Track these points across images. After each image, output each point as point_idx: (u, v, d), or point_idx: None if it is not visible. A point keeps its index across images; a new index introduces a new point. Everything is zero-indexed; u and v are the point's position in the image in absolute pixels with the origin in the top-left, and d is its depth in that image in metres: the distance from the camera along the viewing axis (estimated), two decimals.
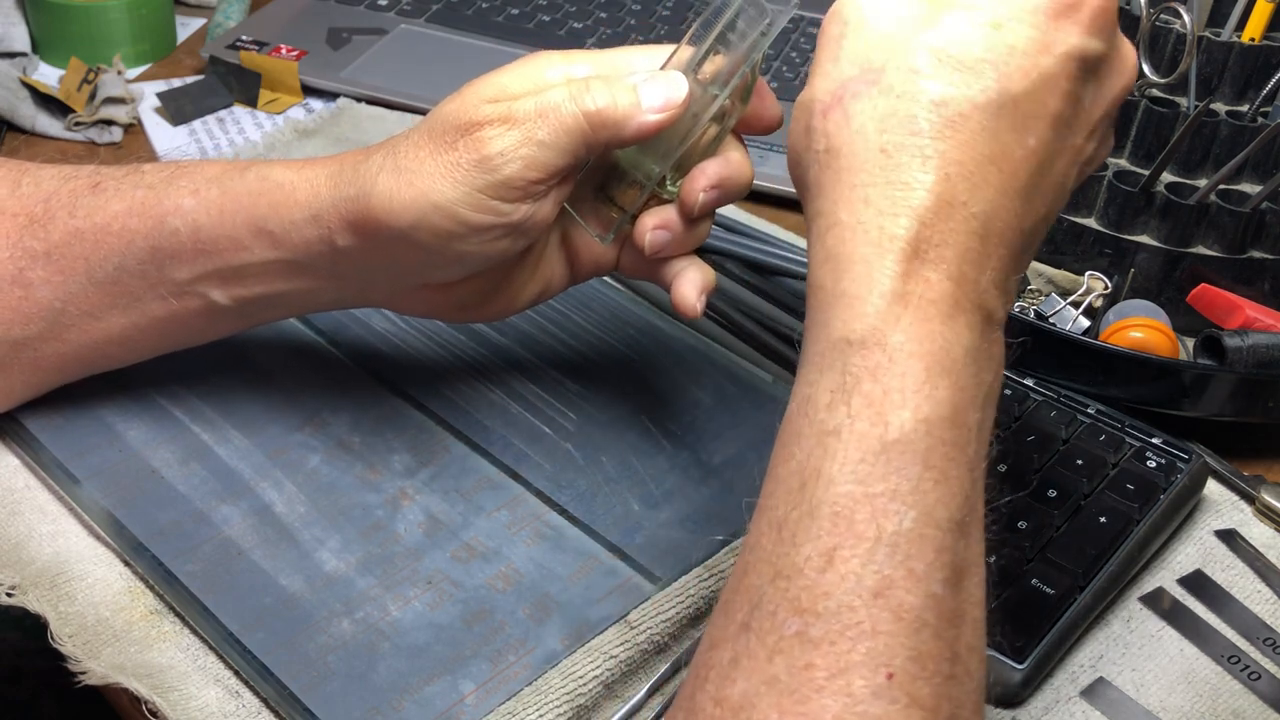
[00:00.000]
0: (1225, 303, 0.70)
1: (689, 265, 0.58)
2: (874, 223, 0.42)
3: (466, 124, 0.53)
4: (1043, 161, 0.44)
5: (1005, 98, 0.43)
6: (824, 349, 0.42)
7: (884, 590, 0.39)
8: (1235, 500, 0.66)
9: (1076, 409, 0.67)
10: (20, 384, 0.62)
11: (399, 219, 0.53)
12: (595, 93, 0.53)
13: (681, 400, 0.68)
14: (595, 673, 0.54)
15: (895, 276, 0.41)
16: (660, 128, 0.54)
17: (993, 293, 0.43)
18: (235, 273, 0.58)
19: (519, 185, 0.53)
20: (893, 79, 0.43)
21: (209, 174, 0.58)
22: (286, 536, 0.59)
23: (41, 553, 0.59)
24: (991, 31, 0.43)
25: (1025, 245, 0.44)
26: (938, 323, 0.41)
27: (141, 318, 0.60)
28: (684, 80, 0.54)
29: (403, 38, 1.03)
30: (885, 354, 0.41)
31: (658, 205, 0.57)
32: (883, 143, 0.43)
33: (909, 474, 0.40)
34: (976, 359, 0.42)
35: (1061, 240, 0.74)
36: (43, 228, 0.59)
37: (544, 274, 0.60)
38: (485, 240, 0.54)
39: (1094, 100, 0.45)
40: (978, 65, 0.43)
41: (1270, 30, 0.74)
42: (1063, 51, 0.44)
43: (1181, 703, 0.56)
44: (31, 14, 0.99)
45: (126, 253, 0.58)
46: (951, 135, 0.42)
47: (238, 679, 0.54)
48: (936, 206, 0.42)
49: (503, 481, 0.63)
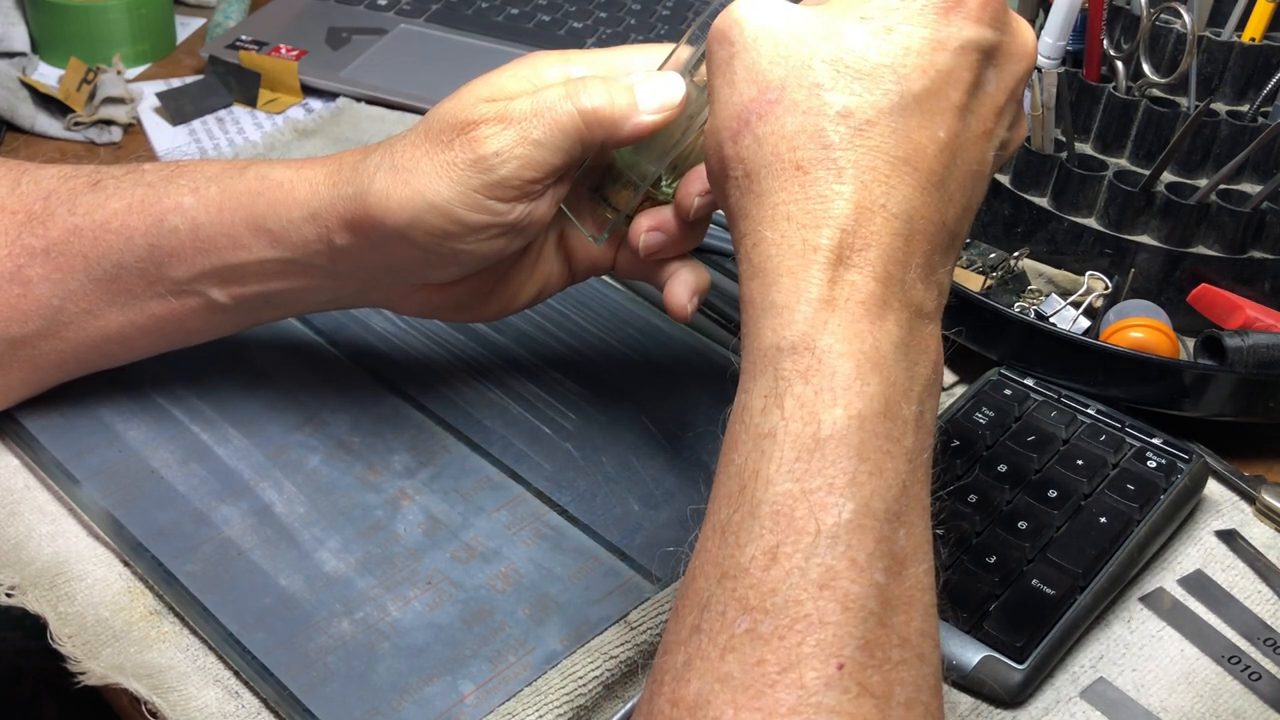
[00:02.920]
0: (1225, 303, 0.70)
1: (683, 267, 0.58)
2: (797, 236, 0.43)
3: (463, 123, 0.53)
4: (955, 152, 0.45)
5: (908, 98, 0.43)
6: (756, 358, 0.43)
7: (828, 582, 0.40)
8: (1235, 500, 0.66)
9: (1077, 409, 0.67)
10: (19, 382, 0.62)
11: (395, 218, 0.54)
12: (592, 92, 0.53)
13: (681, 400, 0.68)
14: (595, 673, 0.54)
15: (821, 284, 0.42)
16: (656, 128, 0.54)
17: (919, 288, 0.44)
18: (234, 271, 0.58)
19: (515, 185, 0.53)
20: (795, 96, 0.44)
21: (208, 173, 0.58)
22: (286, 537, 0.59)
23: (41, 553, 0.59)
24: (885, 36, 0.44)
25: (950, 237, 0.45)
26: (865, 323, 0.42)
27: (140, 316, 0.60)
28: (681, 81, 0.54)
29: (402, 37, 1.02)
30: (815, 356, 0.42)
31: (654, 207, 0.57)
32: (796, 159, 0.43)
33: (844, 468, 0.41)
34: (908, 353, 0.43)
35: (1062, 240, 0.74)
36: (42, 225, 0.59)
37: (541, 274, 0.60)
38: (482, 240, 0.54)
39: (997, 85, 0.46)
40: (876, 71, 0.44)
41: (1270, 30, 0.74)
42: (957, 45, 0.44)
43: (1182, 703, 0.56)
44: (31, 14, 0.99)
45: (125, 250, 0.58)
46: (862, 143, 0.43)
47: (237, 679, 0.54)
48: (856, 213, 0.43)
49: (503, 482, 0.63)
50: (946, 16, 0.44)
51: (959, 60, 0.44)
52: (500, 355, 0.70)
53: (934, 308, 0.45)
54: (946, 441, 0.64)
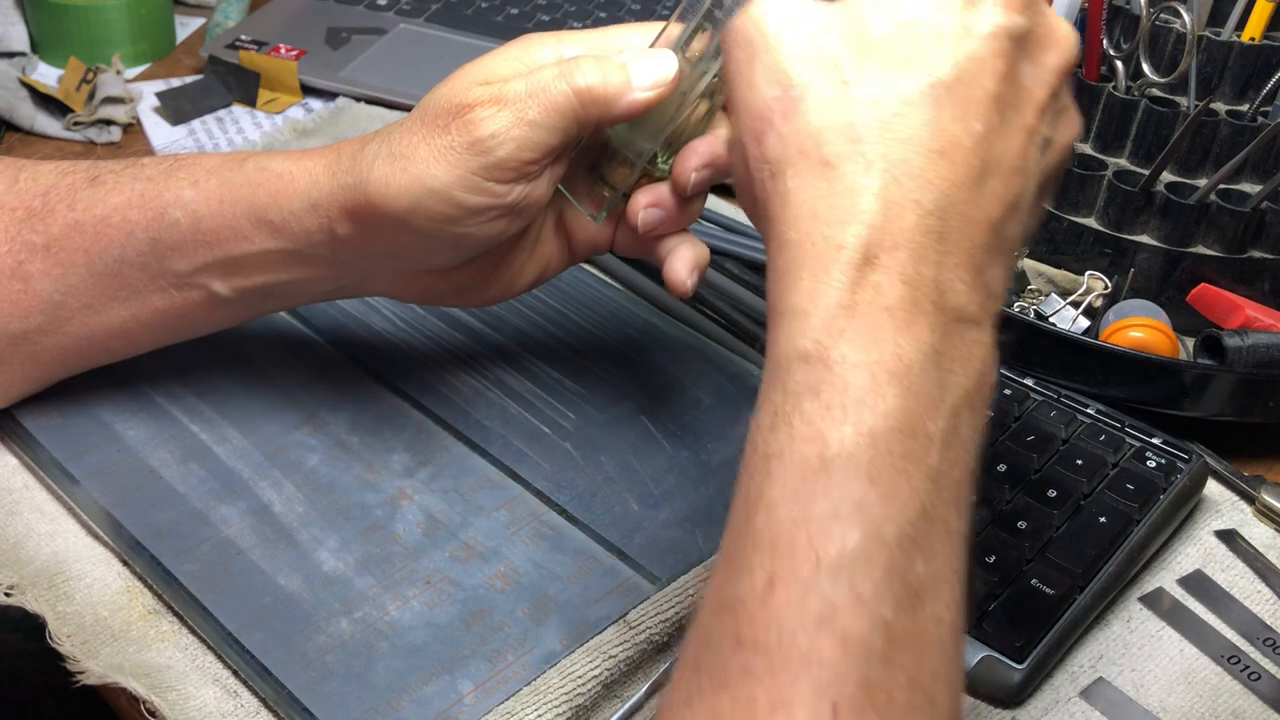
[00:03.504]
0: (1225, 302, 0.70)
1: (682, 242, 0.58)
2: (820, 234, 0.41)
3: (458, 107, 0.53)
4: (994, 145, 0.42)
5: (938, 88, 0.42)
6: (771, 369, 0.41)
7: (827, 617, 0.37)
8: (1235, 500, 0.66)
9: (1076, 409, 0.67)
10: (20, 378, 0.62)
11: (395, 204, 0.54)
12: (585, 71, 0.53)
13: (681, 400, 0.68)
14: (594, 672, 0.54)
15: (843, 287, 0.40)
16: (650, 105, 0.54)
17: (959, 289, 0.41)
18: (235, 263, 0.58)
19: (513, 166, 0.53)
20: (821, 91, 0.43)
21: (208, 166, 0.58)
22: (285, 536, 0.59)
23: (40, 552, 0.59)
24: (910, 27, 0.43)
25: (995, 236, 0.42)
26: (889, 329, 0.40)
27: (142, 309, 0.60)
28: (673, 57, 0.55)
29: (402, 37, 1.02)
30: (827, 367, 0.39)
31: (650, 183, 0.58)
32: (823, 155, 0.42)
33: (850, 492, 0.38)
34: (939, 362, 0.40)
35: (1061, 240, 0.74)
36: (41, 221, 0.59)
37: (542, 255, 0.60)
38: (482, 222, 0.55)
39: (1034, 78, 0.44)
40: (903, 62, 0.42)
41: (1270, 30, 0.74)
42: (985, 32, 0.43)
43: (1181, 703, 0.56)
44: (30, 14, 0.99)
45: (126, 244, 0.58)
46: (892, 135, 0.41)
47: (236, 679, 0.54)
48: (885, 209, 0.41)
49: (502, 481, 0.63)
50: (972, 2, 0.43)
51: (989, 47, 0.42)
52: (500, 355, 0.70)
53: (979, 311, 0.42)
54: None
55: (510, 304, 0.74)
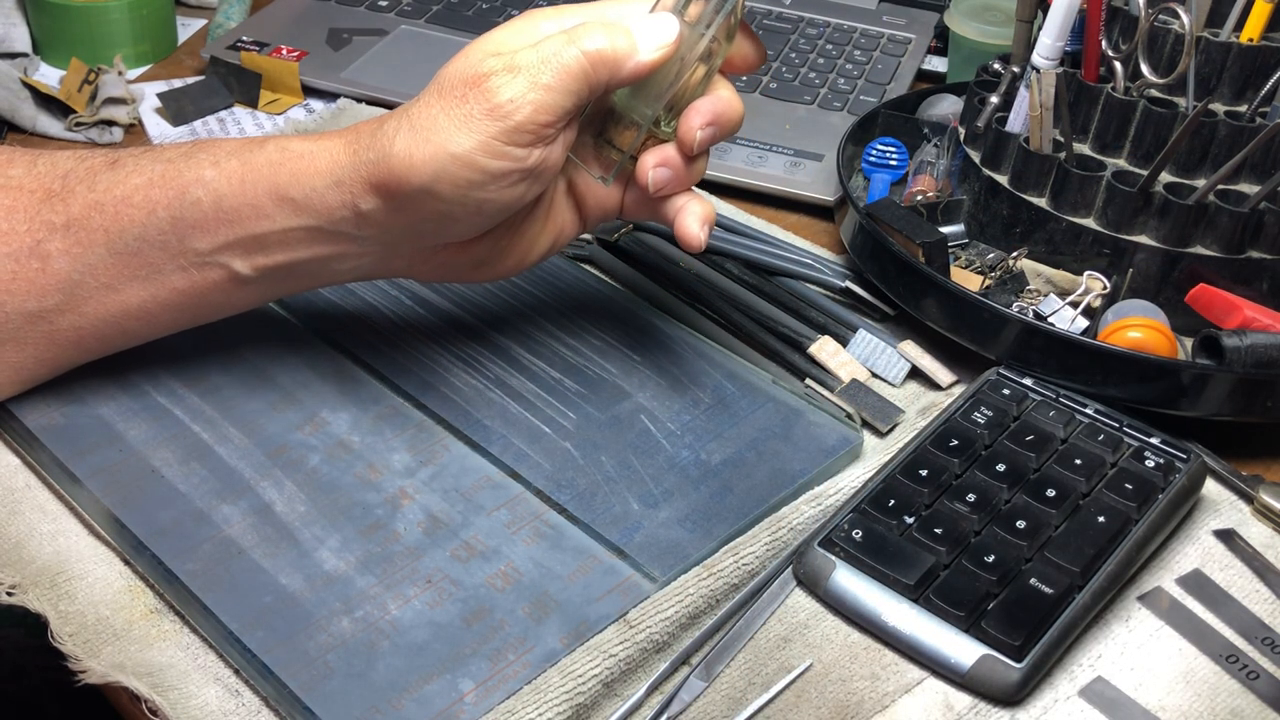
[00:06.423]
0: (1223, 303, 0.71)
1: (690, 200, 0.62)
2: None
3: (474, 77, 0.56)
4: None
5: None
6: None
7: None
8: (1234, 500, 0.66)
9: (1075, 409, 0.67)
10: (33, 360, 0.62)
11: (420, 174, 0.56)
12: (594, 35, 0.56)
13: (681, 400, 0.68)
14: (594, 671, 0.54)
15: None
16: (654, 67, 0.58)
17: None
18: (257, 241, 0.59)
19: (530, 129, 0.56)
20: None
21: (227, 148, 0.60)
22: (286, 535, 0.59)
23: (42, 552, 0.59)
24: None
25: None
26: None
27: (161, 290, 0.60)
28: (675, 20, 0.58)
29: (403, 38, 1.03)
30: None
31: (656, 145, 0.61)
32: None
33: None
34: None
35: (1060, 240, 0.74)
36: (61, 201, 0.60)
37: (555, 223, 0.63)
38: (503, 186, 0.57)
39: None
40: None
41: (1269, 30, 0.74)
42: None
43: (1180, 702, 0.56)
44: (32, 14, 1.00)
45: (148, 224, 0.59)
46: None
47: (237, 678, 0.54)
48: None
49: (502, 480, 0.63)
50: None
51: None
52: (500, 354, 0.71)
53: None
54: (945, 441, 0.64)
55: (511, 304, 0.74)
